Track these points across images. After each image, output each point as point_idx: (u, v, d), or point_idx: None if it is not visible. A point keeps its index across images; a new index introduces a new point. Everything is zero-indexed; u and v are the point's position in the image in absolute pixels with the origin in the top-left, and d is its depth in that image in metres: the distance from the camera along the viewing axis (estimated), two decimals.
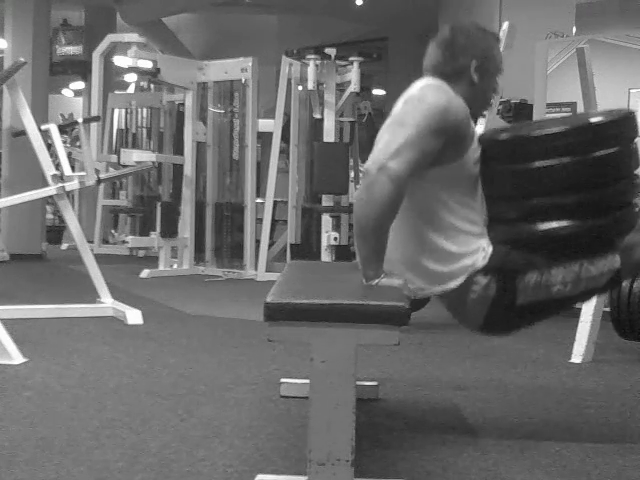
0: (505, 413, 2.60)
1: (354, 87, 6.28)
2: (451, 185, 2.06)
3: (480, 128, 3.29)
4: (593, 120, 2.13)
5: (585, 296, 2.18)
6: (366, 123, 7.95)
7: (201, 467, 1.99)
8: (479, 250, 2.08)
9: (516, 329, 2.27)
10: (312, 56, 6.26)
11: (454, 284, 2.08)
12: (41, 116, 6.98)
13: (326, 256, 6.00)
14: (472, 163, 2.09)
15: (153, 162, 7.30)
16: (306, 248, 6.79)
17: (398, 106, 2.06)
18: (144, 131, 9.34)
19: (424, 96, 2.02)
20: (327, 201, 6.25)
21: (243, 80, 6.97)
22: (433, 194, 2.06)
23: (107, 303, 4.42)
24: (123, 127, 9.51)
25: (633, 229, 2.14)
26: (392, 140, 1.93)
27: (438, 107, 1.97)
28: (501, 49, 2.22)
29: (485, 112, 2.24)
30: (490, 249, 2.09)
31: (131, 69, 7.08)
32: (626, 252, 2.11)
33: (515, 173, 2.11)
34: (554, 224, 2.07)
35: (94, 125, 8.56)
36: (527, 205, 2.11)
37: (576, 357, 3.41)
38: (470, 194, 2.11)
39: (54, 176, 4.37)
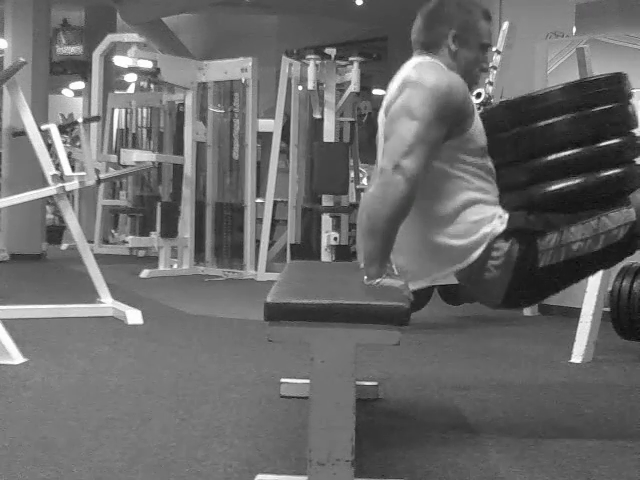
0: (505, 413, 2.60)
1: (354, 87, 6.28)
2: (460, 158, 2.08)
3: None
4: (586, 78, 2.22)
5: (606, 255, 2.14)
6: (366, 123, 7.95)
7: (201, 467, 1.99)
8: (495, 217, 2.09)
9: (539, 298, 2.27)
10: (312, 56, 6.26)
11: (476, 254, 2.09)
12: (41, 116, 6.98)
13: (326, 256, 6.00)
14: (478, 135, 2.10)
15: (153, 162, 7.30)
16: (306, 248, 6.79)
17: (393, 88, 2.08)
18: (144, 131, 9.34)
19: (423, 80, 2.03)
20: (327, 201, 6.25)
21: (243, 80, 6.97)
22: (444, 169, 2.07)
23: (107, 303, 4.42)
24: (123, 127, 9.51)
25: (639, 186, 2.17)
26: (403, 136, 1.95)
27: (440, 92, 1.99)
28: (490, 24, 2.20)
29: (474, 83, 2.22)
30: (506, 215, 2.10)
31: (131, 69, 7.09)
32: (638, 206, 2.13)
33: (521, 135, 2.17)
34: (564, 182, 2.11)
35: (94, 125, 8.57)
36: (535, 166, 2.15)
37: (576, 357, 3.41)
38: (479, 165, 2.12)
39: (54, 176, 4.37)
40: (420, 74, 2.06)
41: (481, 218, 2.08)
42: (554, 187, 2.12)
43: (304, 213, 6.98)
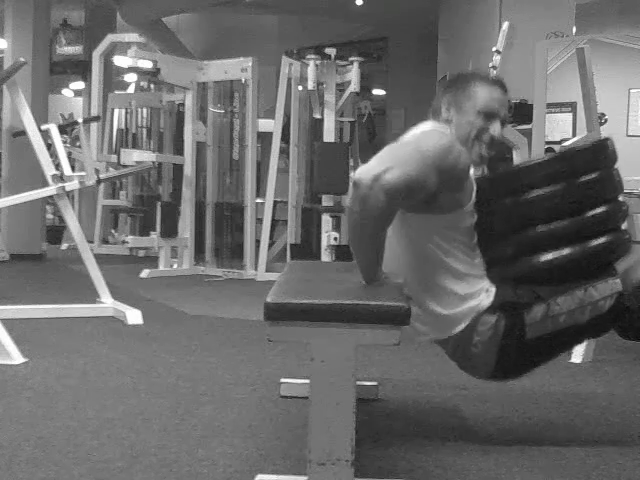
0: (505, 413, 2.60)
1: (354, 87, 6.28)
2: (447, 234, 2.05)
3: None
4: (573, 148, 2.23)
5: (592, 326, 2.15)
6: (366, 123, 7.95)
7: (201, 467, 1.99)
8: (482, 291, 2.08)
9: (529, 368, 2.22)
10: (312, 56, 6.27)
11: (460, 327, 2.08)
12: (41, 116, 6.97)
13: (326, 256, 6.00)
14: (469, 215, 2.08)
15: (153, 162, 7.29)
16: (306, 248, 6.79)
17: (401, 139, 2.06)
18: (144, 131, 9.33)
19: (427, 136, 2.02)
20: (327, 201, 6.25)
21: (243, 80, 6.97)
22: (432, 240, 2.05)
23: (107, 303, 4.42)
24: (123, 127, 9.50)
25: (626, 253, 2.18)
26: (388, 155, 1.85)
27: (440, 147, 1.93)
28: (496, 91, 2.13)
29: (480, 156, 2.11)
30: (493, 289, 2.09)
31: (131, 69, 7.08)
32: (624, 275, 2.13)
33: (508, 208, 2.14)
34: (552, 254, 2.11)
35: (94, 125, 8.56)
36: (522, 239, 2.14)
37: (576, 357, 3.41)
38: (468, 242, 2.10)
39: (54, 176, 4.37)
40: (426, 133, 2.04)
41: (469, 291, 2.07)
42: (542, 259, 2.11)
43: (304, 213, 6.99)
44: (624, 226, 2.25)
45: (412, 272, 2.11)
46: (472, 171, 2.08)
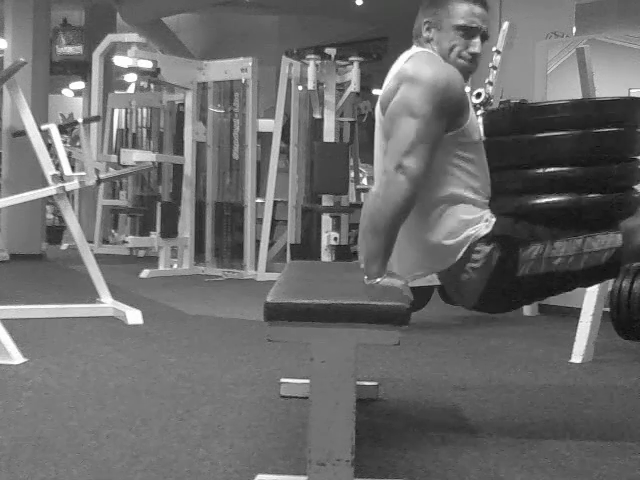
0: (505, 413, 2.60)
1: (354, 87, 6.28)
2: (453, 151, 2.05)
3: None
4: (599, 98, 2.19)
5: (586, 275, 2.12)
6: (366, 123, 7.95)
7: (201, 467, 1.99)
8: (482, 219, 2.07)
9: (513, 305, 2.22)
10: (312, 56, 6.26)
11: (457, 257, 2.07)
12: (41, 116, 6.98)
13: (326, 256, 6.00)
14: (472, 129, 2.07)
15: (153, 162, 7.29)
16: (306, 248, 6.79)
17: (389, 81, 2.06)
18: (144, 131, 9.34)
19: (420, 75, 1.99)
20: (327, 201, 6.25)
21: (243, 80, 6.97)
22: (436, 164, 2.03)
23: (107, 303, 4.42)
24: (123, 127, 9.51)
25: (634, 213, 2.15)
26: (405, 135, 1.94)
27: (438, 87, 1.95)
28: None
29: (463, 71, 2.07)
30: (493, 219, 2.08)
31: (131, 69, 7.09)
32: (627, 236, 2.11)
33: (520, 143, 2.15)
34: (557, 197, 2.10)
35: (94, 125, 8.57)
36: (531, 176, 2.14)
37: (576, 357, 3.41)
38: (473, 162, 2.08)
39: (54, 176, 4.37)
40: (415, 68, 2.02)
41: (467, 219, 2.06)
42: (545, 200, 2.10)
43: (304, 213, 6.99)
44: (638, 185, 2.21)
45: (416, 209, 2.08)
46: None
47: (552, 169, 2.11)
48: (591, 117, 2.11)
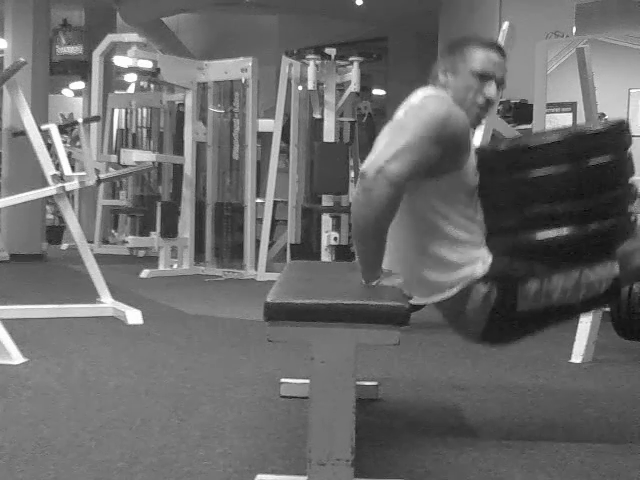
0: (505, 413, 2.60)
1: (354, 87, 6.28)
2: (449, 196, 2.05)
3: (479, 132, 3.28)
4: (588, 129, 2.19)
5: (585, 305, 2.16)
6: (366, 123, 7.93)
7: (201, 467, 1.99)
8: (478, 260, 2.07)
9: (515, 339, 2.24)
10: (312, 56, 6.26)
11: (452, 292, 2.08)
12: (41, 116, 6.98)
13: (326, 256, 6.00)
14: (470, 174, 2.07)
15: (153, 162, 7.30)
16: (306, 248, 6.79)
17: (399, 113, 2.04)
18: (144, 131, 9.34)
19: (424, 105, 2.00)
20: (327, 201, 6.25)
21: (243, 80, 6.97)
22: (431, 205, 2.04)
23: (107, 303, 4.42)
24: (123, 127, 9.51)
25: (630, 237, 2.16)
26: (391, 143, 1.89)
27: (438, 116, 1.94)
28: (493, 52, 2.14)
29: (476, 117, 2.11)
30: (490, 259, 2.08)
31: (131, 69, 7.09)
32: (624, 260, 2.12)
33: (513, 183, 2.12)
34: (553, 232, 2.09)
35: (94, 125, 8.56)
36: (526, 214, 2.12)
37: (576, 357, 3.41)
38: (468, 205, 2.09)
39: (54, 176, 4.37)
40: (420, 97, 2.03)
41: (464, 259, 2.06)
42: (543, 236, 2.09)
43: (304, 213, 6.98)
44: (633, 208, 2.20)
45: (408, 239, 2.09)
46: (472, 132, 2.08)
47: (547, 205, 2.09)
48: (580, 150, 2.09)
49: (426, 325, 4.24)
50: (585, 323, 3.40)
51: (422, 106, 2.00)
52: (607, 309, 3.52)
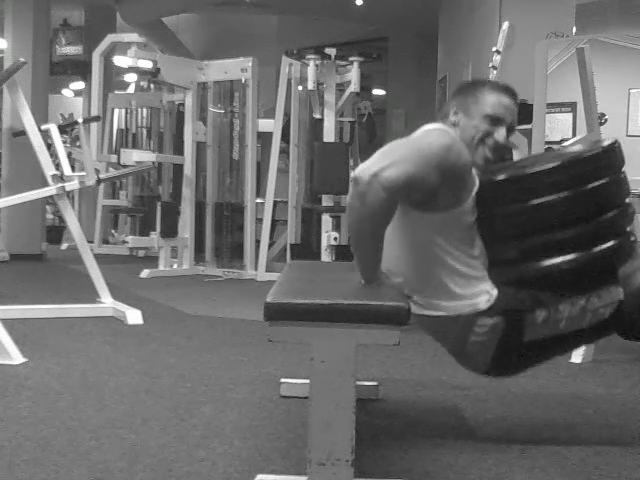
0: (505, 413, 2.60)
1: (354, 87, 6.27)
2: (448, 232, 2.04)
3: None
4: (584, 153, 2.18)
5: (591, 332, 2.16)
6: (366, 123, 7.94)
7: (201, 467, 1.99)
8: (481, 294, 2.07)
9: (522, 369, 2.23)
10: (312, 56, 6.26)
11: (443, 313, 2.07)
12: (41, 116, 6.98)
13: (326, 256, 6.00)
14: (468, 213, 2.05)
15: (153, 162, 7.29)
16: (306, 248, 6.79)
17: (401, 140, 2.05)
18: (144, 131, 9.34)
19: (429, 134, 2.02)
20: (327, 201, 6.25)
21: (243, 80, 6.97)
22: (431, 238, 2.04)
23: (107, 303, 4.42)
24: (123, 127, 9.51)
25: (630, 257, 2.16)
26: (388, 153, 1.87)
27: (440, 144, 1.93)
28: (501, 98, 2.12)
29: (483, 158, 2.11)
30: (495, 292, 2.07)
31: (131, 69, 7.08)
32: (625, 280, 2.12)
33: (512, 213, 2.11)
34: (556, 259, 2.08)
35: (94, 125, 8.56)
36: (527, 243, 2.11)
37: (576, 357, 3.41)
38: (467, 242, 2.08)
39: (54, 176, 4.37)
40: (428, 132, 2.04)
41: (466, 292, 2.06)
42: (546, 264, 2.08)
43: (304, 213, 6.98)
44: (630, 228, 2.21)
45: (412, 270, 2.10)
46: (474, 171, 2.07)
47: (550, 233, 2.09)
48: (578, 175, 2.09)
49: None
50: None
51: (426, 135, 2.01)
52: None
